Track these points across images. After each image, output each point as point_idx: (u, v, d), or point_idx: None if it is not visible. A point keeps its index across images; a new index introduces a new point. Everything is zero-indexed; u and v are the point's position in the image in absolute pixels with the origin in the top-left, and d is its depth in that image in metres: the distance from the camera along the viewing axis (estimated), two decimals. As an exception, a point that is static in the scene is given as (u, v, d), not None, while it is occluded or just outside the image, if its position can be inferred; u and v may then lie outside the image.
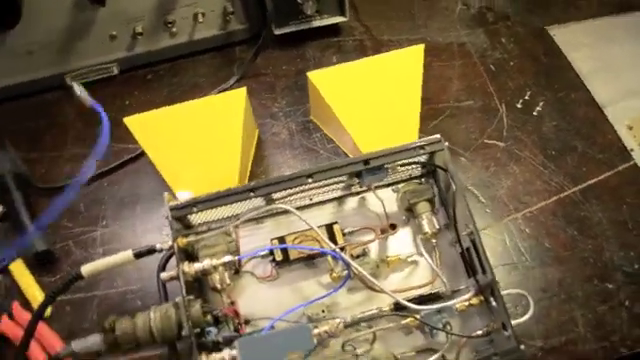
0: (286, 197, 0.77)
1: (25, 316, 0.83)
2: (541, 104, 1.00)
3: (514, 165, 0.94)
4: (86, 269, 0.71)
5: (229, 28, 1.08)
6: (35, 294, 0.85)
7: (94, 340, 0.68)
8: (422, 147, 0.74)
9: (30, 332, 0.71)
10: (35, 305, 0.84)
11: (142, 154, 0.95)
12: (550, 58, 1.06)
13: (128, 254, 0.71)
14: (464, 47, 1.09)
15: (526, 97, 1.01)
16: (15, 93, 1.06)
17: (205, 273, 0.72)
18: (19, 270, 0.87)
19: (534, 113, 0.99)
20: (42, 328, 0.81)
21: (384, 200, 0.80)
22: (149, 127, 0.84)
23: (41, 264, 0.88)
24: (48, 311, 0.83)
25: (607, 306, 0.80)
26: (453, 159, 0.91)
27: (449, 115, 0.99)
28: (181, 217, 0.73)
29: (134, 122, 0.84)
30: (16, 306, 0.84)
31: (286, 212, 0.80)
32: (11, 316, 0.83)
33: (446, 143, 0.74)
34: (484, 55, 1.07)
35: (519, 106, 1.00)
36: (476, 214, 0.86)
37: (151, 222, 0.90)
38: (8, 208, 0.91)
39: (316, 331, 0.68)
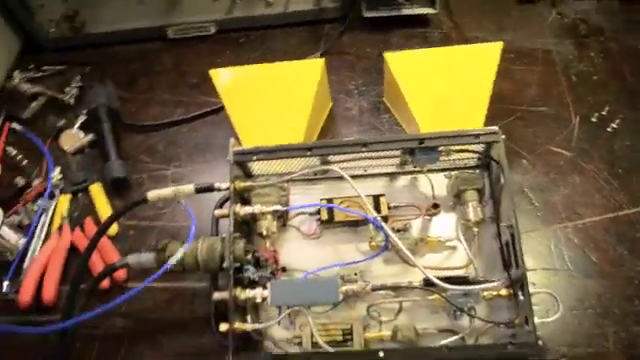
0: (341, 162, 0.81)
1: (94, 231, 0.92)
2: (617, 121, 0.98)
3: (576, 175, 0.93)
4: (151, 194, 0.79)
5: (321, 5, 1.14)
6: (107, 214, 0.94)
7: (147, 257, 0.76)
8: (477, 136, 0.76)
9: (93, 244, 0.79)
10: (105, 223, 0.93)
11: (221, 109, 1.03)
12: (637, 78, 1.04)
13: (190, 187, 0.79)
14: (549, 55, 1.08)
15: (603, 112, 1.00)
16: (122, 39, 1.17)
17: (255, 218, 0.78)
18: (97, 192, 0.97)
19: (608, 129, 0.98)
20: (106, 244, 0.90)
21: (435, 184, 0.82)
22: (230, 81, 0.91)
23: (116, 189, 0.97)
24: (115, 230, 0.93)
25: (642, 328, 0.79)
26: (515, 159, 0.94)
27: (520, 117, 1.00)
28: (242, 163, 0.79)
29: (217, 75, 0.91)
30: (88, 221, 0.94)
31: (339, 178, 0.85)
32: (83, 230, 0.93)
33: (503, 136, 0.76)
34: (568, 66, 1.07)
35: (594, 120, 0.99)
36: (526, 216, 0.88)
37: (218, 169, 0.98)
38: (98, 137, 1.02)
39: (343, 288, 0.72)
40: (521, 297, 0.71)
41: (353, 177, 0.81)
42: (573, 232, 0.88)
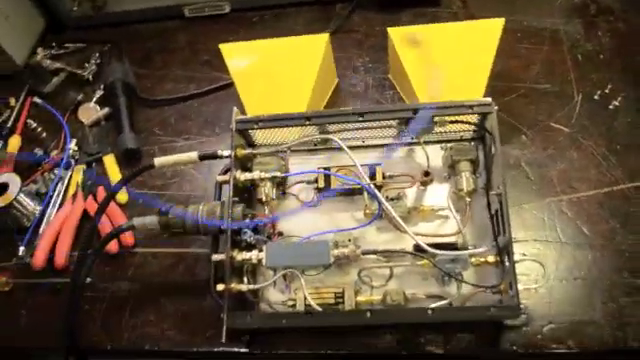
0: (340, 132, 0.84)
1: (107, 199, 0.97)
2: (619, 99, 0.98)
3: (574, 151, 0.94)
4: (158, 161, 0.83)
5: (333, -16, 1.16)
6: (119, 183, 0.99)
7: (151, 219, 0.80)
8: (471, 106, 0.78)
9: (103, 207, 0.84)
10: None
11: (231, 84, 1.07)
12: (643, 58, 1.04)
13: (194, 155, 0.83)
14: (557, 35, 1.09)
15: (606, 90, 1.00)
16: (140, 17, 1.22)
17: (254, 184, 0.82)
18: (110, 162, 1.02)
19: (610, 106, 0.98)
20: (115, 210, 0.95)
21: (431, 155, 0.85)
22: (239, 55, 0.94)
23: (128, 160, 1.02)
24: (125, 198, 0.97)
25: (631, 299, 0.80)
26: (514, 135, 0.95)
27: (522, 95, 1.01)
28: (244, 131, 0.83)
29: (226, 49, 0.95)
30: (101, 190, 0.99)
31: (338, 149, 0.88)
32: (95, 198, 0.98)
33: (496, 107, 0.78)
34: (575, 45, 1.07)
35: (596, 97, 0.99)
36: (521, 189, 0.90)
37: (225, 141, 1.00)
38: (113, 110, 1.06)
39: (335, 251, 0.76)
40: (507, 263, 0.74)
41: (351, 148, 0.84)
42: (567, 206, 0.89)
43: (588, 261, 0.84)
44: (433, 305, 0.75)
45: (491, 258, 0.76)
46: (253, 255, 0.76)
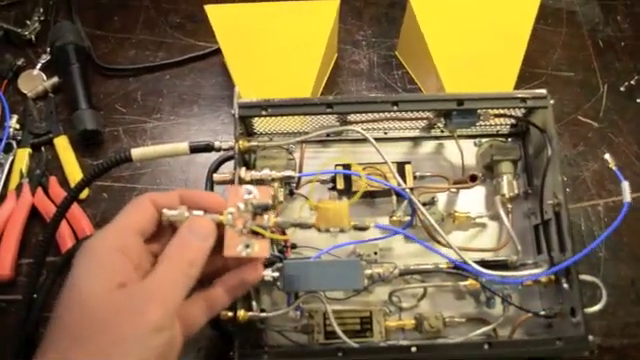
0: (361, 123, 0.70)
1: (60, 193, 0.79)
2: (646, 93, 0.90)
3: (605, 149, 0.85)
4: (136, 152, 0.65)
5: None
6: (74, 173, 0.80)
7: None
8: (524, 99, 0.66)
9: (63, 210, 0.65)
10: (73, 183, 0.80)
11: (211, 54, 0.89)
12: (665, 47, 0.96)
13: (184, 146, 0.65)
14: (574, 16, 0.99)
15: (632, 82, 0.91)
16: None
17: (260, 184, 0.66)
18: (63, 146, 0.82)
19: (638, 100, 0.90)
20: (75, 209, 0.77)
21: (464, 152, 0.72)
22: (231, 21, 0.78)
23: (86, 144, 0.83)
24: (85, 193, 0.79)
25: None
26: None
27: (545, 82, 0.90)
28: (247, 118, 0.67)
29: (216, 13, 0.78)
30: (53, 181, 0.80)
31: (353, 141, 0.75)
32: (46, 190, 0.79)
33: (552, 101, 0.66)
34: (594, 29, 0.97)
35: (622, 89, 0.91)
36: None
37: (206, 124, 0.85)
38: (64, 80, 0.87)
39: (368, 272, 0.62)
40: (565, 285, 0.63)
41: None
42: (604, 211, 0.80)
43: (632, 274, 0.77)
44: (478, 332, 0.64)
45: (544, 278, 0.65)
46: (267, 275, 0.60)
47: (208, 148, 0.65)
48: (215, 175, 0.65)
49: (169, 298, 0.41)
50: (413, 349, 0.58)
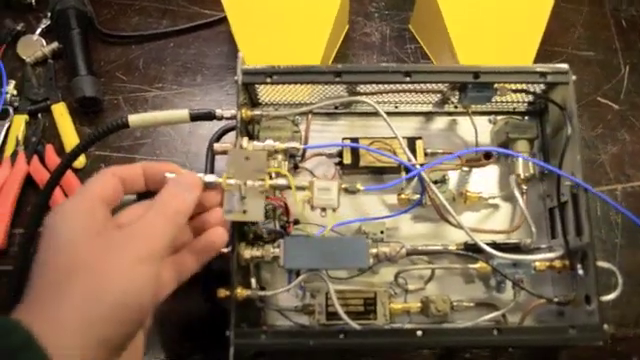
0: (371, 95, 0.66)
1: (56, 161, 0.76)
2: (670, 76, 0.86)
3: (625, 132, 0.81)
4: (133, 119, 0.62)
5: None
6: (71, 141, 0.78)
7: (127, 198, 0.60)
8: (544, 74, 0.62)
9: (58, 176, 0.62)
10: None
11: (217, 22, 0.86)
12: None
13: (183, 113, 0.62)
14: (597, -6, 0.94)
15: (655, 64, 0.87)
16: None
17: (262, 156, 0.63)
18: (61, 112, 0.80)
19: (660, 83, 0.86)
20: (71, 178, 0.74)
21: (478, 129, 0.69)
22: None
23: (85, 112, 0.80)
24: (82, 162, 0.77)
25: None
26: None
27: (564, 61, 0.84)
28: (251, 85, 0.63)
29: (222, -22, 0.74)
30: (49, 149, 0.77)
31: (361, 114, 0.71)
32: (42, 159, 0.77)
33: (574, 77, 0.62)
34: (617, 9, 0.93)
35: (645, 71, 0.87)
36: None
37: (210, 94, 0.82)
38: (64, 46, 0.83)
39: (374, 250, 0.59)
40: (580, 271, 0.60)
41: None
42: (622, 196, 0.77)
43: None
44: (488, 317, 0.61)
45: (558, 263, 0.62)
46: (267, 252, 0.58)
47: (209, 116, 0.62)
48: (216, 145, 0.62)
49: (154, 239, 0.42)
50: (419, 333, 0.55)
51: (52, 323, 0.37)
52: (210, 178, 0.51)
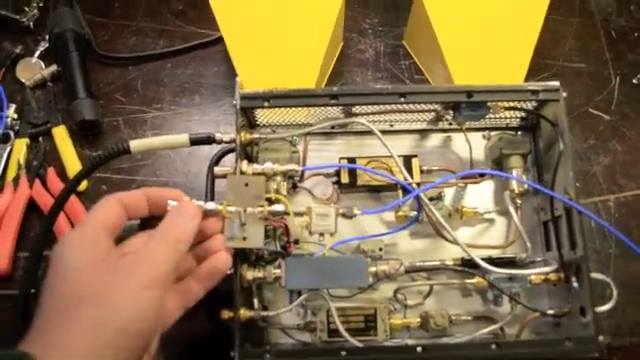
0: (366, 115, 0.67)
1: (58, 185, 0.77)
2: (660, 86, 0.88)
3: (617, 143, 0.83)
4: (135, 144, 0.63)
5: None
6: (73, 164, 0.79)
7: (131, 224, 0.61)
8: (535, 92, 0.64)
9: (61, 202, 0.63)
10: (71, 175, 0.78)
11: (214, 42, 0.87)
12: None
13: (184, 138, 0.63)
14: (587, 5, 0.96)
15: (645, 75, 0.89)
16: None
17: (261, 178, 0.65)
18: (61, 136, 0.81)
19: (651, 93, 0.88)
20: (74, 202, 0.75)
21: (472, 145, 0.70)
22: (233, 8, 0.75)
23: (85, 134, 0.81)
24: (84, 185, 0.78)
25: None
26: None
27: (555, 74, 0.88)
28: (249, 109, 0.65)
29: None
30: (51, 172, 0.78)
31: (357, 133, 0.73)
32: (44, 183, 0.78)
33: (564, 94, 0.64)
34: (607, 19, 0.94)
35: (635, 82, 0.88)
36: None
37: (208, 114, 0.83)
38: (63, 69, 0.84)
39: (373, 269, 0.60)
40: (575, 284, 0.61)
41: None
42: (615, 206, 0.78)
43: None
44: (486, 330, 0.63)
45: (553, 276, 0.63)
46: (268, 273, 0.59)
47: (209, 140, 0.63)
48: (216, 168, 0.63)
49: (157, 266, 0.45)
50: (419, 349, 0.56)
51: (61, 350, 0.39)
52: (210, 206, 0.53)
